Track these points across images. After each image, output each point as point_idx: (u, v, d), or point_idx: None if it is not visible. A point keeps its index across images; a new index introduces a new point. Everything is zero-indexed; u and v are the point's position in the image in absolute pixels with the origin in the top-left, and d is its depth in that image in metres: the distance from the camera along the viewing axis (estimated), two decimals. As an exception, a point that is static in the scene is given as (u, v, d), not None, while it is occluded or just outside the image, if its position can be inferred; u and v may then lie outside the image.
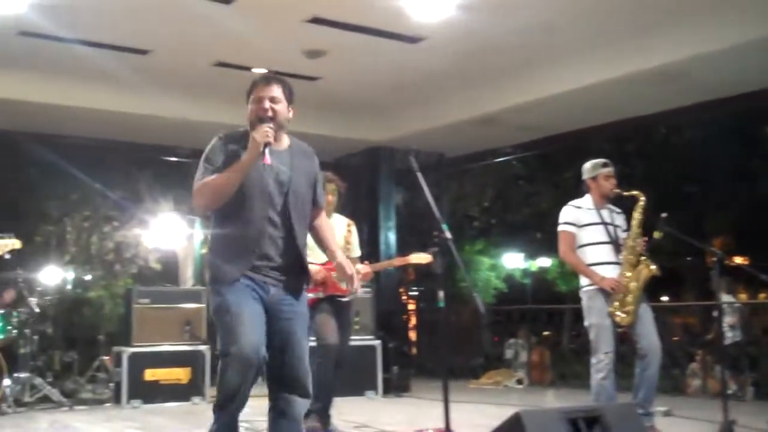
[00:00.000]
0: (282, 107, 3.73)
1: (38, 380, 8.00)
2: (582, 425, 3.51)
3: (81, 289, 13.67)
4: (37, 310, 8.12)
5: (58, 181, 15.08)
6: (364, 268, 5.91)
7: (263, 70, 8.94)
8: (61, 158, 13.88)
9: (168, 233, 12.53)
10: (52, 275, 9.71)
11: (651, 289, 5.77)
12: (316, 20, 7.55)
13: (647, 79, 8.37)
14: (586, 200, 5.81)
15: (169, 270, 13.82)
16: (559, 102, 9.22)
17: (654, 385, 5.48)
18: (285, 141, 3.83)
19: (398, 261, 6.50)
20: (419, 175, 4.29)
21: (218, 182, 3.60)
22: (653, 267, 5.54)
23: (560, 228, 5.77)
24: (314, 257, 5.82)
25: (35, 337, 8.15)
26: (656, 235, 5.64)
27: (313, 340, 5.92)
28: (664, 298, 21.17)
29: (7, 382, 7.55)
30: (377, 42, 8.11)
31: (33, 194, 15.33)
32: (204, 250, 13.88)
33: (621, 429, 3.57)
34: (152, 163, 13.31)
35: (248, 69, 8.85)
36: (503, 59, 8.71)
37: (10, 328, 7.94)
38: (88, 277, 12.66)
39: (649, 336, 5.51)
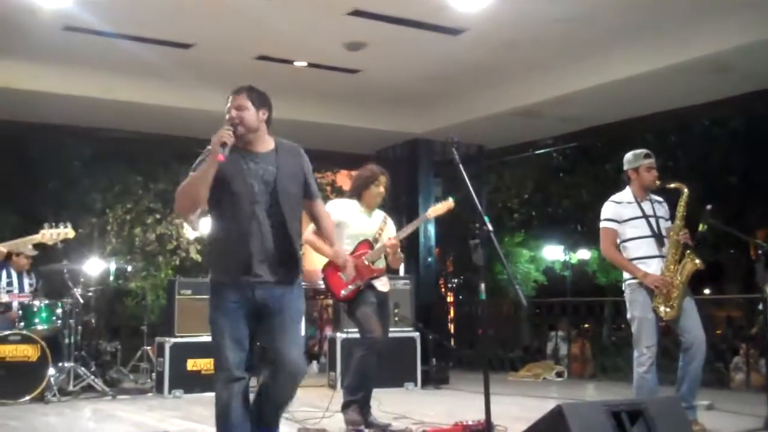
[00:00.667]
0: (248, 113, 3.93)
1: (82, 370, 8.17)
2: (625, 419, 3.50)
3: (122, 280, 13.85)
4: (81, 300, 8.28)
5: (100, 174, 15.33)
6: (389, 240, 5.93)
7: (304, 64, 9.02)
8: (103, 152, 14.12)
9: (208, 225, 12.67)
10: (96, 266, 9.85)
11: (694, 282, 5.70)
12: (357, 13, 7.56)
13: (689, 71, 8.29)
14: (627, 194, 5.74)
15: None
16: (601, 93, 9.16)
17: (698, 379, 5.43)
18: (270, 143, 4.05)
19: (419, 221, 6.53)
20: (460, 167, 4.30)
21: (185, 184, 3.89)
22: (698, 261, 5.48)
23: (601, 224, 5.72)
24: (352, 246, 5.91)
25: (79, 327, 8.31)
26: (701, 227, 5.58)
27: (356, 332, 6.01)
28: (707, 291, 20.96)
29: (51, 371, 7.70)
30: (418, 34, 8.11)
31: (76, 187, 15.61)
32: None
33: (664, 423, 3.55)
34: (192, 156, 13.46)
35: (290, 62, 8.93)
36: (544, 51, 8.66)
37: (54, 318, 8.10)
38: (129, 269, 12.82)
39: (693, 330, 5.46)
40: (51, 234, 5.00)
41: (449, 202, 6.05)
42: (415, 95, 10.32)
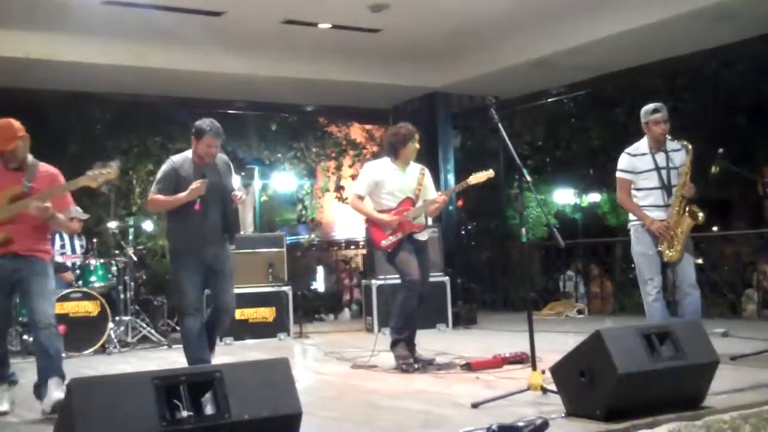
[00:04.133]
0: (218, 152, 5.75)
1: (138, 322, 8.75)
2: (655, 339, 4.01)
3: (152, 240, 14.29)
4: (134, 258, 8.82)
5: (121, 137, 15.75)
6: (440, 196, 6.48)
7: (328, 26, 9.42)
8: (123, 114, 14.52)
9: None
10: (143, 225, 10.36)
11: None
12: (381, -24, 7.94)
13: (697, 18, 8.61)
14: (642, 144, 6.17)
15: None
16: (612, 43, 9.49)
17: (698, 314, 5.93)
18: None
19: (461, 185, 7.00)
20: (500, 126, 4.76)
21: (164, 203, 5.68)
22: (701, 215, 5.94)
23: (617, 174, 6.22)
24: (393, 202, 6.41)
25: (132, 283, 8.86)
26: (713, 170, 6.05)
27: (395, 277, 6.55)
28: (715, 228, 21.36)
29: (110, 325, 8.28)
30: (437, -8, 8.48)
31: (97, 149, 16.03)
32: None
33: (689, 342, 4.06)
34: (208, 116, 13.86)
35: (315, 25, 9.32)
36: (556, 3, 9.00)
37: (109, 276, 8.66)
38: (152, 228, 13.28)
39: (684, 268, 5.95)
40: (95, 175, 5.03)
41: (490, 172, 6.47)
42: (432, 51, 10.70)
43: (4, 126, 4.99)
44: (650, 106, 6.16)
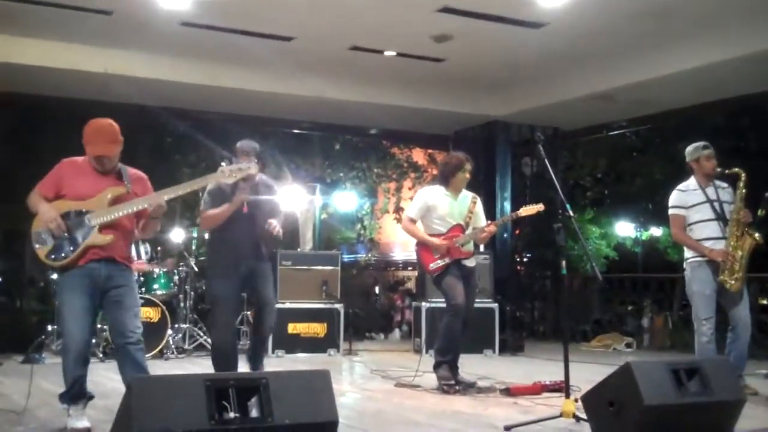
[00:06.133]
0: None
1: (195, 330, 9.11)
2: (683, 375, 4.16)
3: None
4: (195, 269, 9.19)
5: (189, 151, 16.28)
6: (489, 225, 6.67)
7: (393, 53, 9.72)
8: (194, 130, 15.04)
9: (289, 199, 13.42)
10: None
11: (767, 261, 6.28)
12: (447, 9, 8.17)
13: (755, 61, 8.68)
14: (691, 182, 6.36)
15: (290, 233, 14.80)
16: (671, 81, 9.59)
17: (744, 354, 6.08)
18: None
19: (511, 216, 7.16)
20: (546, 161, 4.96)
21: (215, 216, 5.84)
22: (757, 235, 6.08)
23: (670, 212, 6.39)
24: (444, 227, 6.63)
25: (192, 293, 9.23)
26: (760, 212, 6.16)
27: (443, 301, 6.77)
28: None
29: (169, 331, 8.65)
30: (501, 27, 8.68)
31: (167, 161, 16.61)
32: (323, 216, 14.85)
33: (717, 379, 4.20)
34: (274, 135, 14.30)
35: (380, 52, 9.63)
36: (618, 41, 9.15)
37: (171, 284, 9.05)
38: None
39: (740, 311, 6.08)
40: (231, 171, 4.91)
41: (539, 206, 6.63)
42: (494, 81, 10.92)
43: (109, 128, 4.82)
44: (699, 143, 6.39)
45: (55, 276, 7.70)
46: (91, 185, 4.74)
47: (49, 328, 8.77)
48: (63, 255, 4.64)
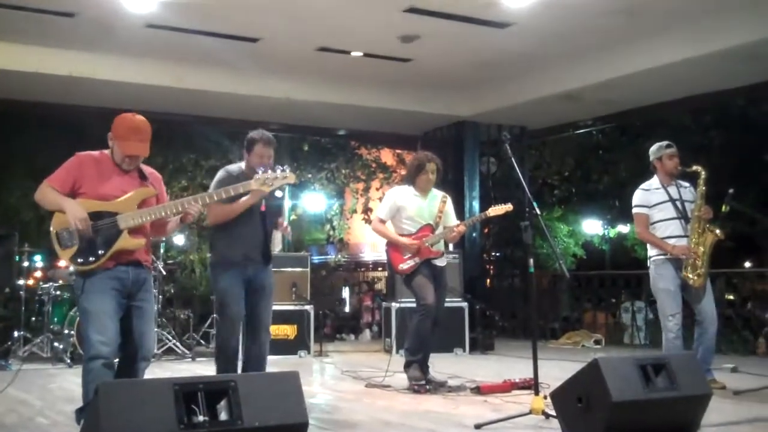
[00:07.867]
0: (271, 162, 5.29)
1: (164, 335, 9.03)
2: (650, 370, 4.20)
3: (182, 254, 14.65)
4: (163, 272, 9.12)
5: (156, 153, 16.14)
6: (459, 226, 6.67)
7: (360, 54, 9.72)
8: (159, 132, 14.93)
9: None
10: (175, 240, 10.69)
11: (733, 256, 6.37)
12: (413, 10, 8.22)
13: (722, 58, 8.81)
14: (654, 181, 6.45)
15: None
16: (638, 79, 9.72)
17: (711, 348, 6.16)
18: None
19: (480, 216, 7.15)
20: (513, 161, 4.98)
21: (226, 211, 5.26)
22: (718, 231, 6.16)
23: (634, 211, 6.47)
24: (413, 227, 6.64)
25: (160, 296, 9.16)
26: (723, 209, 6.25)
27: (413, 301, 6.77)
28: (747, 264, 21.30)
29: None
30: (468, 28, 8.75)
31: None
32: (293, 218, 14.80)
33: (684, 375, 4.24)
34: (242, 136, 14.21)
35: (347, 53, 9.63)
36: (584, 41, 9.25)
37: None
38: (183, 242, 13.60)
39: (706, 306, 6.16)
40: (267, 179, 4.63)
41: (508, 206, 6.62)
42: (462, 81, 10.99)
43: (145, 126, 4.43)
44: (662, 142, 6.49)
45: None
46: (116, 185, 4.35)
47: (16, 334, 8.66)
48: (92, 258, 4.26)
